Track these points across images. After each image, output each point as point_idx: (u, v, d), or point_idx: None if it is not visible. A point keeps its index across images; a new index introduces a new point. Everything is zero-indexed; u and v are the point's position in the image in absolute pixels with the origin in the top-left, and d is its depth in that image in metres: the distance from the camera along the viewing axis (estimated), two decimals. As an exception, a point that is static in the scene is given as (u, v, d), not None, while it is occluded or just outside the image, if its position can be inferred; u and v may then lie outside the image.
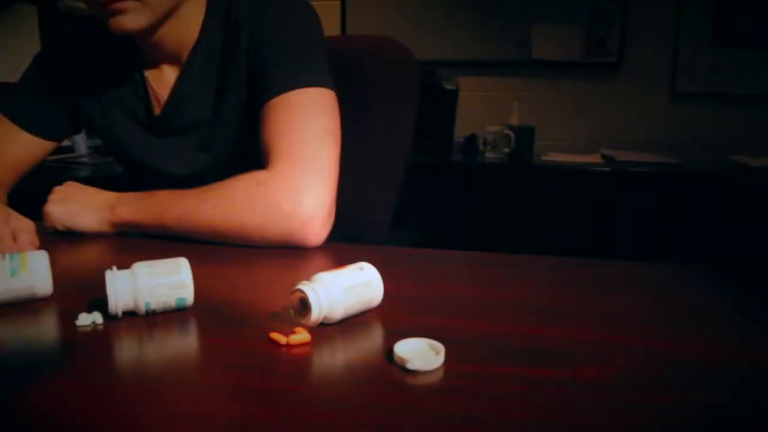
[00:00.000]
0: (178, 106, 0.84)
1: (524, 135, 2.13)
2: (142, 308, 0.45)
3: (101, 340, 0.43)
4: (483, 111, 2.43)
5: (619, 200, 1.99)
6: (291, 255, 0.66)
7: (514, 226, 2.04)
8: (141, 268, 0.45)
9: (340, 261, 0.66)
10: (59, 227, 0.73)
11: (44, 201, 0.74)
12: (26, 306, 0.48)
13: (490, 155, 2.17)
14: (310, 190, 0.67)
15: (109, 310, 0.44)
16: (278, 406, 0.33)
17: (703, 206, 1.94)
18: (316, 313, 0.43)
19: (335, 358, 0.41)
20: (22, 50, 2.02)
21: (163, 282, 0.45)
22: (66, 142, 1.90)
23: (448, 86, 2.08)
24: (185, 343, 0.43)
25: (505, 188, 2.06)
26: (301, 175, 0.68)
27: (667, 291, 0.56)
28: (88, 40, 0.88)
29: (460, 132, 2.26)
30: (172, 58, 0.84)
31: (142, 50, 0.84)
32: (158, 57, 0.84)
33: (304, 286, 0.43)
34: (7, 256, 0.47)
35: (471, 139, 2.26)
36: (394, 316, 0.48)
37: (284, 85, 0.73)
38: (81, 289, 0.52)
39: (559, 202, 2.02)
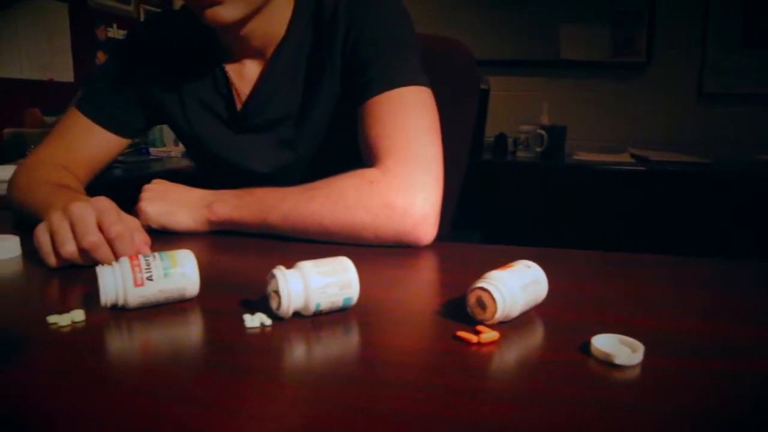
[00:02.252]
0: (261, 102, 0.82)
1: (556, 134, 2.12)
2: (312, 309, 0.43)
3: (275, 341, 0.40)
4: (511, 110, 2.42)
5: (654, 200, 1.98)
6: (401, 253, 0.64)
7: (550, 225, 2.03)
8: (308, 267, 0.43)
9: (463, 260, 0.65)
10: (153, 226, 0.71)
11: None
12: (178, 307, 0.46)
13: (522, 154, 2.16)
14: (423, 189, 0.66)
15: (281, 311, 0.42)
16: (486, 402, 0.32)
17: (737, 205, 1.93)
18: (501, 311, 0.41)
19: (527, 353, 0.40)
20: (54, 49, 1.98)
21: (332, 282, 0.43)
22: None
23: (482, 86, 2.06)
24: (364, 342, 0.41)
25: (538, 187, 2.05)
26: (413, 174, 0.66)
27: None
28: (166, 35, 0.86)
29: (488, 131, 2.25)
30: (255, 54, 0.82)
31: (225, 45, 0.82)
32: (242, 52, 0.82)
33: (487, 284, 0.42)
34: (157, 255, 0.45)
35: (501, 138, 2.24)
36: (559, 312, 0.46)
37: (387, 83, 0.71)
38: (221, 289, 0.50)
39: (594, 202, 2.01)
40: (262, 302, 0.47)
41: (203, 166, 0.91)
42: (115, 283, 0.43)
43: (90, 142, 0.86)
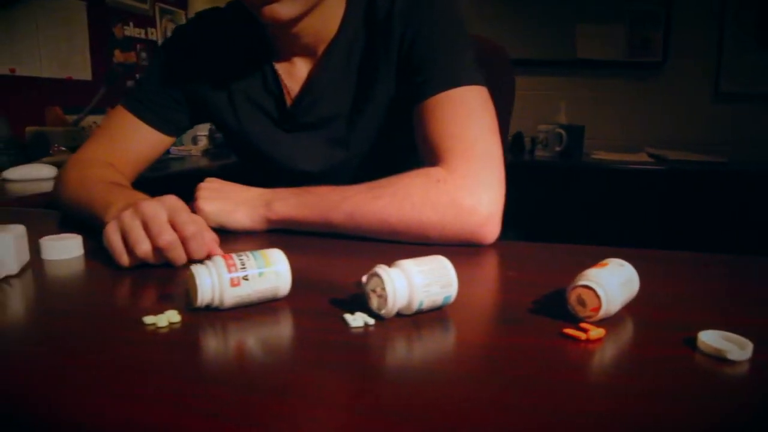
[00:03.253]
0: (312, 100, 0.81)
1: (575, 133, 2.11)
2: (414, 307, 0.42)
3: (380, 339, 0.40)
4: (527, 109, 2.41)
5: (674, 199, 1.98)
6: (469, 252, 0.64)
7: (569, 224, 2.02)
8: (411, 266, 0.42)
9: (533, 259, 0.65)
10: (211, 224, 0.70)
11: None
12: (269, 306, 0.45)
13: (540, 153, 2.16)
14: (489, 188, 0.65)
15: (386, 310, 0.42)
16: (602, 397, 0.33)
17: (756, 204, 1.93)
18: (604, 309, 0.41)
19: (635, 349, 0.40)
20: (72, 47, 1.97)
21: (433, 280, 0.42)
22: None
23: (501, 84, 2.06)
24: (470, 340, 0.41)
25: (558, 186, 2.05)
26: (478, 173, 0.66)
27: None
28: (214, 32, 0.86)
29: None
30: (306, 52, 0.81)
31: (275, 43, 0.82)
32: (292, 50, 0.81)
33: (590, 282, 0.42)
34: (250, 255, 0.44)
35: (518, 138, 2.24)
36: (655, 310, 0.46)
37: (447, 83, 0.71)
38: (306, 289, 0.49)
39: (615, 201, 2.01)
40: (353, 301, 0.47)
41: (250, 164, 0.90)
42: (212, 283, 0.42)
43: (136, 140, 0.85)
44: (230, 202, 0.70)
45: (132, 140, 0.85)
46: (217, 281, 0.42)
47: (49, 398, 0.32)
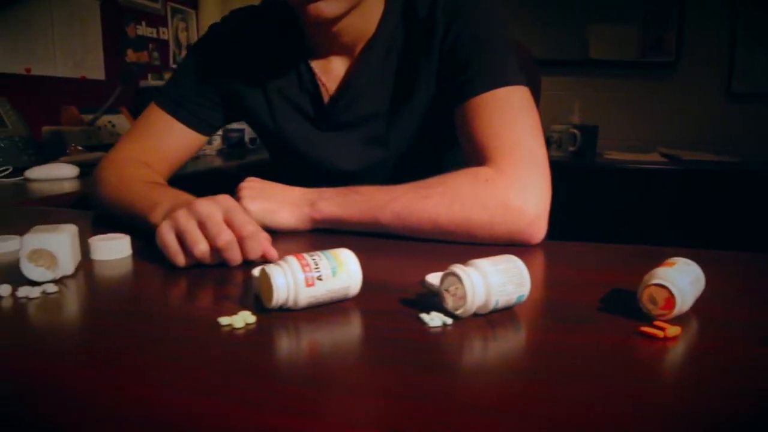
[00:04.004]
0: (350, 99, 0.81)
1: (588, 133, 2.11)
2: (490, 306, 0.42)
3: (459, 338, 0.40)
4: (540, 109, 2.41)
5: (688, 198, 1.98)
6: (520, 252, 0.63)
7: (585, 223, 2.02)
8: (486, 265, 0.42)
9: (585, 258, 0.64)
10: (255, 224, 0.70)
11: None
12: (340, 306, 0.45)
13: (554, 153, 2.16)
14: (536, 188, 0.65)
15: (464, 309, 0.41)
16: (689, 394, 0.33)
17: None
18: (678, 307, 0.42)
19: (712, 346, 0.40)
20: (86, 46, 1.96)
21: (508, 279, 0.42)
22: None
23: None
24: (548, 338, 0.41)
25: (573, 186, 2.05)
26: (527, 173, 0.66)
27: None
28: (248, 31, 0.85)
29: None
30: (344, 50, 0.81)
31: (311, 41, 0.81)
32: (330, 48, 0.81)
33: (664, 281, 0.42)
34: (322, 255, 0.44)
35: (531, 138, 2.24)
36: (722, 308, 0.46)
37: (492, 83, 0.71)
38: (373, 289, 0.49)
39: (630, 201, 2.01)
40: (421, 300, 0.46)
41: (285, 163, 0.90)
42: (286, 283, 0.41)
43: (170, 139, 0.85)
44: (274, 201, 0.70)
45: (167, 139, 0.84)
46: (291, 281, 0.42)
47: (142, 397, 0.32)
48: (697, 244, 0.64)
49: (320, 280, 0.42)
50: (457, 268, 0.42)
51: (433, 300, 0.46)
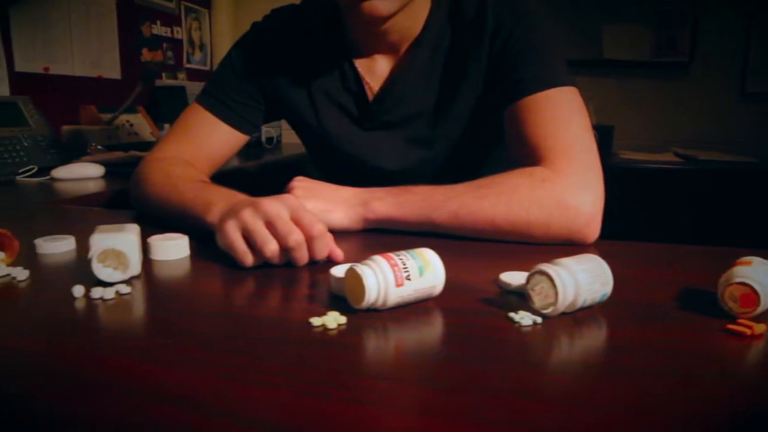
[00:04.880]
0: (394, 99, 0.81)
1: (604, 134, 2.11)
2: (578, 305, 0.42)
3: (549, 337, 0.40)
4: (554, 110, 2.41)
5: (705, 198, 1.98)
6: (575, 251, 0.63)
7: (606, 223, 2.02)
8: (573, 264, 0.42)
9: (644, 257, 0.64)
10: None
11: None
12: (423, 306, 0.45)
13: (570, 154, 2.15)
14: (592, 188, 0.66)
15: (554, 308, 0.41)
16: None
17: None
18: (762, 305, 0.42)
19: None
20: (102, 45, 1.96)
21: (594, 278, 0.42)
22: (150, 137, 1.85)
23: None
24: (635, 336, 0.40)
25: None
26: (582, 173, 0.66)
27: None
28: (290, 30, 0.85)
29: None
30: (389, 49, 0.80)
31: (355, 41, 0.81)
32: (374, 48, 0.80)
33: (747, 280, 0.42)
34: (408, 254, 0.44)
35: (546, 138, 2.24)
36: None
37: (544, 83, 0.71)
38: (449, 288, 0.48)
39: (646, 201, 2.01)
40: (502, 300, 0.46)
41: (327, 162, 0.89)
42: (377, 283, 0.41)
43: (213, 139, 0.84)
44: (326, 201, 0.69)
45: (209, 139, 0.84)
46: (382, 281, 0.41)
47: (248, 397, 0.31)
48: (718, 244, 0.65)
49: (409, 279, 0.42)
50: (547, 268, 0.42)
51: (509, 299, 0.46)
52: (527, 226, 0.64)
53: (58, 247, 0.62)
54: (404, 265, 0.42)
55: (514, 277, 0.49)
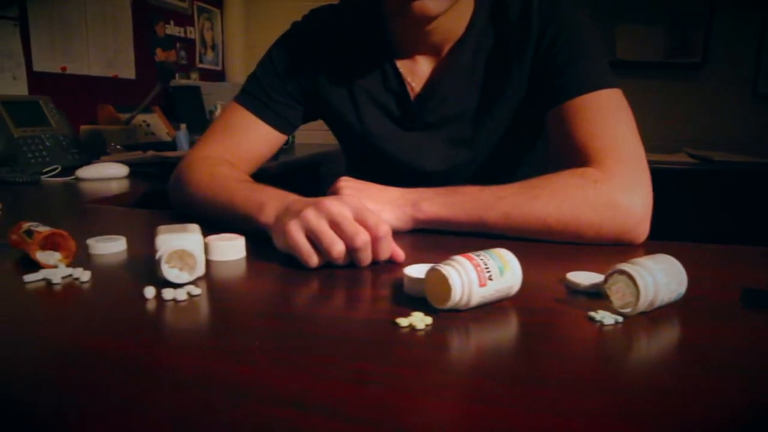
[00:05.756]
0: (437, 99, 0.81)
1: (619, 134, 2.11)
2: (656, 304, 0.42)
3: (630, 337, 0.40)
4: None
5: (722, 199, 1.99)
6: (625, 251, 0.64)
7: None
8: (651, 264, 0.42)
9: (691, 259, 0.64)
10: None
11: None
12: (498, 306, 0.45)
13: (584, 154, 2.16)
14: (642, 189, 0.66)
15: (636, 307, 0.42)
16: None
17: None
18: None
19: None
20: (118, 45, 1.95)
21: (671, 278, 0.43)
22: (166, 137, 1.85)
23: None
24: (720, 334, 0.40)
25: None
26: (632, 174, 0.67)
27: None
28: (330, 30, 0.85)
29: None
30: (431, 50, 0.80)
31: (397, 40, 0.81)
32: (416, 48, 0.81)
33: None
34: (487, 255, 0.44)
35: (560, 139, 2.24)
36: None
37: (594, 84, 0.71)
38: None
39: (663, 201, 2.01)
40: (574, 299, 0.47)
41: (366, 162, 0.89)
42: (462, 283, 0.41)
43: (253, 138, 0.84)
44: (376, 201, 0.69)
45: (250, 138, 0.84)
46: (466, 281, 0.41)
47: (347, 396, 0.31)
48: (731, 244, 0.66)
49: (491, 280, 0.42)
50: (628, 268, 0.42)
51: (580, 299, 0.47)
52: (579, 226, 0.64)
53: (110, 247, 0.62)
54: (486, 265, 0.42)
55: (582, 277, 0.49)
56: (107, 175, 1.29)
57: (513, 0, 0.78)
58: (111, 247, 0.62)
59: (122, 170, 1.31)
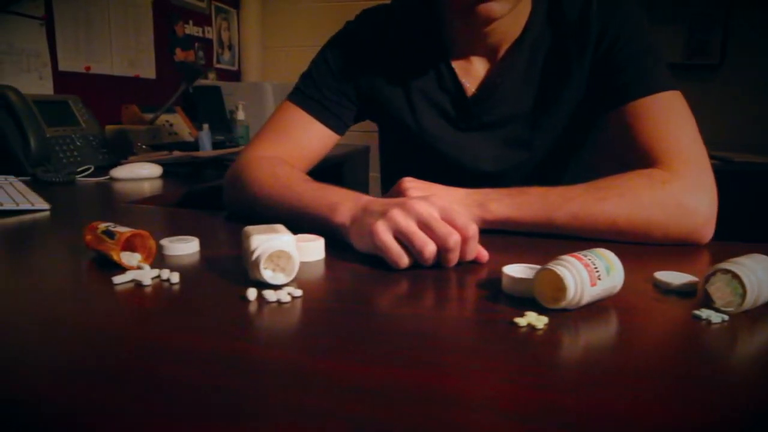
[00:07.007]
0: (493, 100, 0.81)
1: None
2: (759, 302, 0.43)
3: (735, 333, 0.41)
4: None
5: (745, 200, 2.00)
6: (693, 251, 0.65)
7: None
8: (753, 263, 0.43)
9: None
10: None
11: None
12: (603, 306, 0.45)
13: (603, 155, 2.17)
14: (708, 190, 0.67)
15: (736, 307, 0.43)
16: None
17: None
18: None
19: None
20: (139, 45, 1.95)
21: (769, 277, 0.43)
22: (189, 137, 1.85)
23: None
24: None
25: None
26: (699, 175, 0.67)
27: None
28: (383, 29, 0.85)
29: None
30: (487, 51, 0.81)
31: (452, 41, 0.81)
32: (472, 49, 0.81)
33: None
34: (593, 254, 0.44)
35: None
36: None
37: (655, 86, 0.72)
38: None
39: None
40: (671, 298, 0.47)
41: (420, 162, 0.89)
42: (575, 283, 0.42)
43: (308, 137, 0.84)
44: (444, 202, 0.69)
45: (305, 137, 0.84)
46: (579, 281, 0.42)
47: (463, 395, 0.32)
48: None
49: (600, 279, 0.43)
50: (732, 267, 0.43)
51: (673, 298, 0.48)
52: (648, 226, 0.65)
53: (185, 248, 0.62)
54: (594, 265, 0.43)
55: (671, 277, 0.50)
56: (141, 175, 1.29)
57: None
58: (186, 248, 0.62)
59: (156, 170, 1.31)
